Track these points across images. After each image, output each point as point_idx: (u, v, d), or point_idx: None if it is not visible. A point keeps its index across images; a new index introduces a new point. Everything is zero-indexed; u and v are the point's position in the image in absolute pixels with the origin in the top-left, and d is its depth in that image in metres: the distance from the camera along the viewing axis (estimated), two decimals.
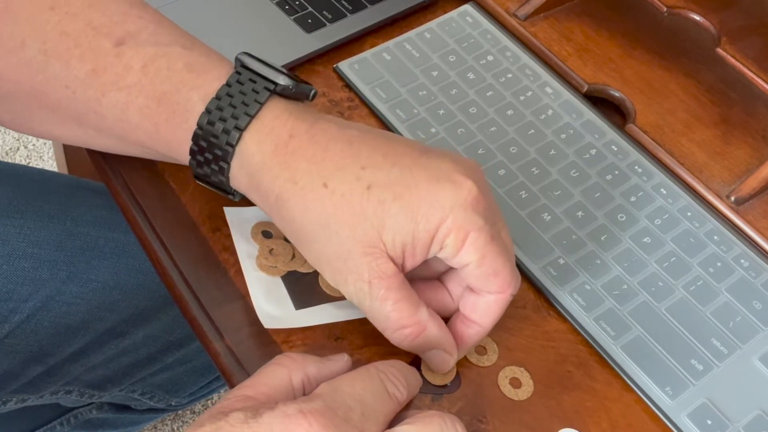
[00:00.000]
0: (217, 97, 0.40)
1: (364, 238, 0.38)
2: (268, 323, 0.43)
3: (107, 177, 0.50)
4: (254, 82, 0.41)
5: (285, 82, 0.41)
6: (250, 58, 0.42)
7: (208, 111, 0.40)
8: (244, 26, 0.57)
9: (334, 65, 0.56)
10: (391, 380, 0.37)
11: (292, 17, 0.58)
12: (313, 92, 0.43)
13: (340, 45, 0.58)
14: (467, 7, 0.61)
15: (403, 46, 0.58)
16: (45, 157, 1.41)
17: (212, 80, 0.41)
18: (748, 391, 0.44)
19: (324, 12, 0.58)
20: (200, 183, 0.44)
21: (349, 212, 0.38)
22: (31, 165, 1.24)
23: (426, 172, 0.39)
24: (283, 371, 0.37)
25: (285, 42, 0.56)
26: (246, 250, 0.45)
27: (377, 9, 0.59)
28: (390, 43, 0.58)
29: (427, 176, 0.39)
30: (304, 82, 0.43)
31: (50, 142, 1.39)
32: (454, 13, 0.61)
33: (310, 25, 0.58)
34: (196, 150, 0.41)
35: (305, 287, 0.45)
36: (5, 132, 1.43)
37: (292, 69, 0.56)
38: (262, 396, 0.36)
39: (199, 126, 0.40)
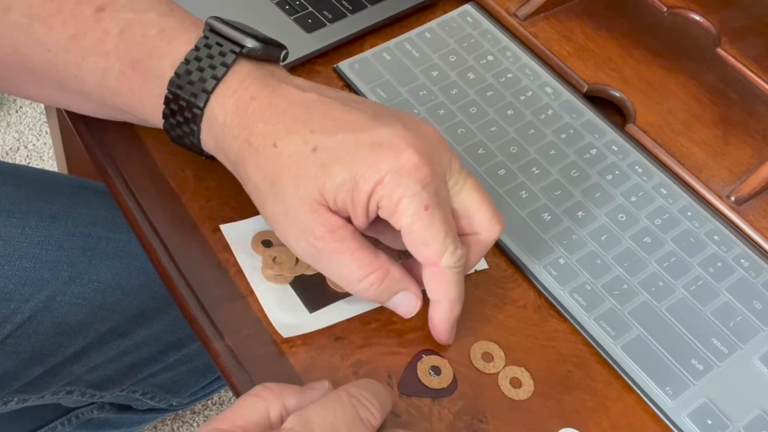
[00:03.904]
0: (186, 61, 0.42)
1: (308, 196, 0.40)
2: (286, 332, 0.43)
3: (107, 177, 0.50)
4: (221, 45, 0.42)
5: (252, 45, 0.42)
6: (219, 22, 0.43)
7: (177, 75, 0.42)
8: None
9: (335, 65, 0.57)
10: (363, 404, 0.36)
11: (293, 17, 0.58)
12: (284, 53, 0.44)
13: (340, 45, 0.58)
14: (467, 7, 0.61)
15: (404, 46, 0.58)
16: (45, 157, 1.41)
17: (182, 45, 0.42)
18: (748, 390, 0.44)
19: (324, 12, 0.58)
20: (178, 145, 0.45)
21: (294, 172, 0.40)
22: (31, 165, 1.24)
23: (370, 139, 0.40)
24: (261, 403, 0.36)
25: (285, 42, 0.56)
26: (250, 264, 0.45)
27: (377, 9, 0.59)
28: (390, 43, 0.58)
29: (370, 142, 0.40)
30: (277, 45, 0.44)
31: (50, 142, 1.39)
32: (454, 13, 0.61)
33: (310, 25, 0.58)
34: (168, 113, 0.43)
35: (315, 289, 0.45)
36: (5, 132, 1.43)
37: (293, 69, 0.56)
38: (237, 429, 0.35)
39: (170, 90, 0.42)
